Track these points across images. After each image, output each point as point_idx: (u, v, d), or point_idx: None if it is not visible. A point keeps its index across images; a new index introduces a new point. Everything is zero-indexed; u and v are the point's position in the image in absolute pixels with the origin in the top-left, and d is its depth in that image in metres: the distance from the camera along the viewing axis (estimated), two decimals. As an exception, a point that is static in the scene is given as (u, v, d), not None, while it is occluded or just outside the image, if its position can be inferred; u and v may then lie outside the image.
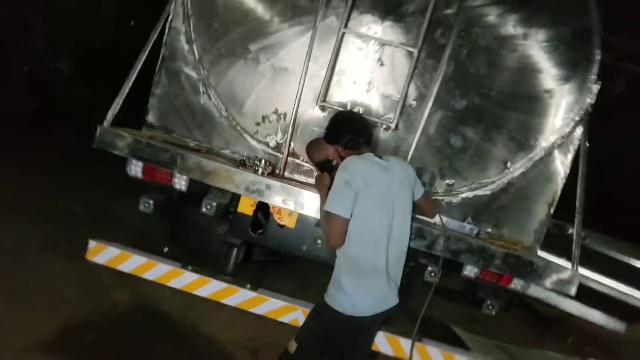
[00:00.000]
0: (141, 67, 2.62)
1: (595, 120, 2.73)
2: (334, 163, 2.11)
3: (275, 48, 2.67)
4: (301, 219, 2.45)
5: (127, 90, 2.52)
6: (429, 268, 2.42)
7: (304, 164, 2.66)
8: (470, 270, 2.45)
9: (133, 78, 2.54)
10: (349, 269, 1.84)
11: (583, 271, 5.69)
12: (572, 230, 7.42)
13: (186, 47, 2.76)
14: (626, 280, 6.32)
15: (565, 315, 5.87)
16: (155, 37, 2.65)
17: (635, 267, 6.56)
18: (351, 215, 1.77)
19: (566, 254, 6.29)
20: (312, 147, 2.42)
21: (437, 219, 2.28)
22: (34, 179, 4.62)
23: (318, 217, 2.30)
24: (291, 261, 3.53)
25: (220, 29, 2.72)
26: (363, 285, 1.84)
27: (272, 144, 2.73)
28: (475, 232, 2.56)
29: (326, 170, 2.09)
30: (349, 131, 1.92)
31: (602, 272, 6.18)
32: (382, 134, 2.58)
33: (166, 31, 2.75)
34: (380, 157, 1.92)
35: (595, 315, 6.37)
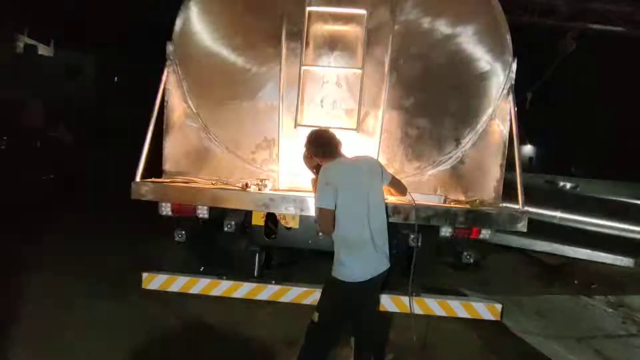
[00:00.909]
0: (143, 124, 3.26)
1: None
2: None
3: (255, 90, 3.33)
4: (303, 219, 3.07)
5: (146, 149, 3.17)
6: (411, 235, 3.01)
7: (294, 175, 3.30)
8: (445, 231, 3.04)
9: (148, 138, 3.19)
10: (343, 246, 2.43)
11: (541, 211, 6.25)
12: (562, 183, 8.00)
13: (184, 104, 3.44)
14: (617, 216, 6.84)
15: (571, 262, 6.34)
16: (159, 101, 3.31)
17: (625, 203, 7.07)
18: (336, 207, 2.37)
19: (554, 202, 6.83)
20: (305, 160, 3.04)
21: (408, 196, 2.87)
22: (66, 240, 5.23)
23: (308, 214, 2.90)
24: (303, 262, 4.14)
25: (209, 85, 3.40)
26: (356, 256, 2.42)
27: (267, 165, 3.37)
28: (442, 200, 3.16)
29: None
30: (319, 146, 2.53)
31: (587, 213, 6.72)
32: (352, 139, 3.21)
33: (166, 94, 3.42)
34: (350, 158, 2.53)
35: (601, 256, 6.86)
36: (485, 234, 3.07)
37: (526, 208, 2.93)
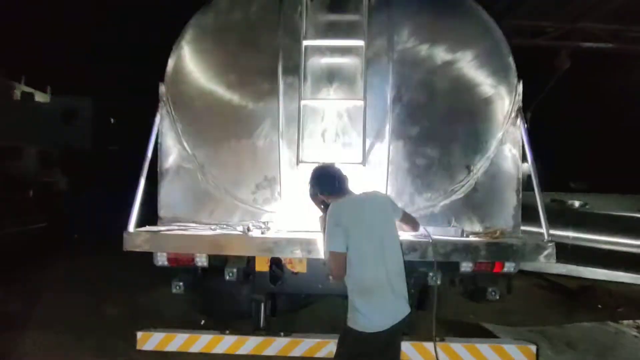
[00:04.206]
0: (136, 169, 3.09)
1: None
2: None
3: (252, 127, 3.18)
4: (310, 262, 2.83)
5: (139, 195, 2.98)
6: (430, 274, 2.77)
7: (299, 215, 3.08)
8: (465, 266, 2.81)
9: (142, 184, 3.01)
10: (358, 291, 2.20)
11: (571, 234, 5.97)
12: (571, 202, 7.74)
13: (178, 145, 3.28)
14: (632, 232, 6.58)
15: (590, 284, 6.05)
16: (152, 144, 3.15)
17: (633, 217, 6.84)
18: (347, 249, 2.16)
19: (567, 223, 6.54)
20: (311, 198, 2.88)
21: (422, 231, 2.66)
22: (61, 292, 4.98)
23: (316, 256, 2.68)
24: (314, 303, 3.86)
25: (203, 125, 3.26)
26: (373, 302, 2.19)
27: (269, 205, 3.17)
28: (459, 232, 2.94)
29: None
30: (324, 184, 2.35)
31: (599, 231, 6.47)
32: (357, 173, 3.02)
33: (159, 137, 3.27)
34: (358, 195, 2.34)
35: (620, 275, 6.54)
36: (508, 266, 2.84)
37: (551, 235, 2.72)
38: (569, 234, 6.76)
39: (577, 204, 7.68)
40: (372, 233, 2.22)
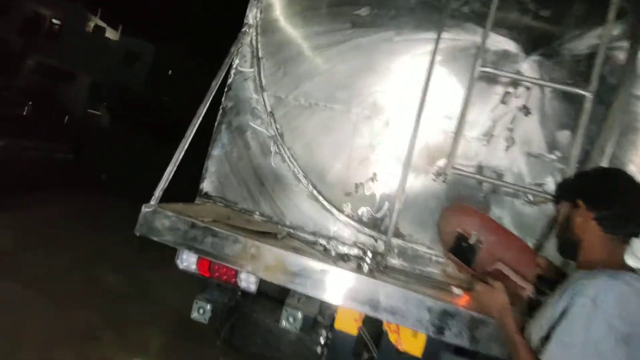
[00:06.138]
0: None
1: None
2: (471, 241, 1.60)
3: (374, 95, 2.01)
4: (432, 342, 1.64)
5: (180, 157, 1.89)
6: None
7: (418, 248, 1.89)
8: None
9: (188, 140, 1.92)
10: None
11: None
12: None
13: (254, 96, 2.17)
14: None
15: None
16: (217, 85, 2.06)
17: None
18: None
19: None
20: (445, 219, 1.75)
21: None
22: (69, 235, 4.15)
23: (457, 342, 1.51)
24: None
25: (301, 74, 2.12)
26: None
27: (368, 220, 1.99)
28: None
29: (459, 254, 1.61)
30: (624, 204, 1.12)
31: None
32: (536, 212, 1.79)
33: (230, 77, 2.18)
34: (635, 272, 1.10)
35: None
36: None
37: None
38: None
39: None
40: None
